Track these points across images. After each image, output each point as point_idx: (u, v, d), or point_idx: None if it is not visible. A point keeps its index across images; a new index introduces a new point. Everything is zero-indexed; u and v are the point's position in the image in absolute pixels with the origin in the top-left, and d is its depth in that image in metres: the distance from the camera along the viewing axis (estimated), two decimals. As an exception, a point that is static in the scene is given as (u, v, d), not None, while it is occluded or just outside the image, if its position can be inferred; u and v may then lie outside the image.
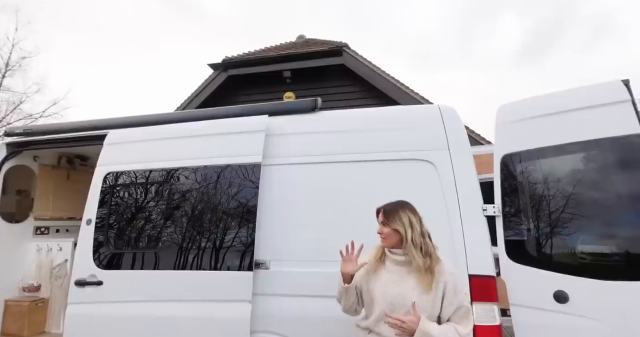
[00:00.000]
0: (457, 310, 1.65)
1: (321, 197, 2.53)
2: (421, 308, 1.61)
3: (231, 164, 2.70)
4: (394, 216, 1.78)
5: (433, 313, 1.64)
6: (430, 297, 1.64)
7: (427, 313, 1.62)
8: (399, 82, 6.92)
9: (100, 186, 2.94)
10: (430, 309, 1.64)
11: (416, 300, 1.62)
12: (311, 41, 8.42)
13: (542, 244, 2.23)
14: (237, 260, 2.47)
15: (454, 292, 1.66)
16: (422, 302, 1.63)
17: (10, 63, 17.73)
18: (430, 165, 2.43)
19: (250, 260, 2.44)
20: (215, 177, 2.73)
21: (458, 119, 2.54)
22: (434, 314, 1.65)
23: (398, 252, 1.78)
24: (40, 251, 3.77)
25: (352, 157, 2.58)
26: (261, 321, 2.39)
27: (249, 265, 2.44)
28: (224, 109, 3.13)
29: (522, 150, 2.35)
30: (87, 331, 2.63)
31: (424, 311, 1.61)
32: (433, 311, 1.64)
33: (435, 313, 1.65)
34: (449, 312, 1.66)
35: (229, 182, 2.68)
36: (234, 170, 2.69)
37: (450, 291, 1.66)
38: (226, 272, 2.48)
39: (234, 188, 2.66)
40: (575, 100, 2.26)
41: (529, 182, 2.32)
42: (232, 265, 2.49)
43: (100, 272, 2.71)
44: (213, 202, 2.70)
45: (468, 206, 2.29)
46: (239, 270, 2.46)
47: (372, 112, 2.83)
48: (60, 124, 3.69)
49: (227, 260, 2.52)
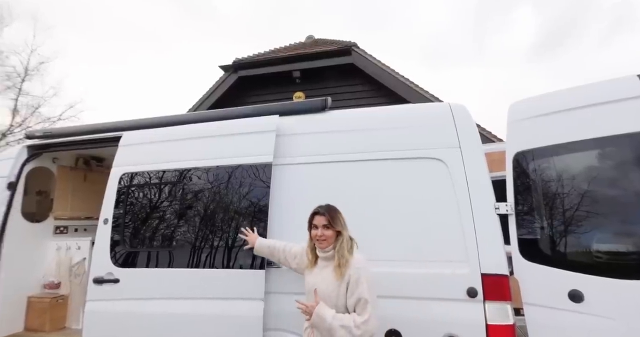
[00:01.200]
0: (357, 301, 1.77)
1: (332, 196, 2.52)
2: (327, 296, 1.83)
3: (242, 164, 2.74)
4: (337, 218, 1.96)
5: (338, 302, 1.82)
6: (335, 286, 1.83)
7: (332, 301, 1.82)
8: (409, 81, 6.88)
9: (115, 186, 3.02)
10: (335, 297, 1.82)
11: (324, 288, 1.86)
12: (320, 41, 8.44)
13: (556, 243, 2.20)
14: (250, 258, 2.51)
15: (356, 284, 1.78)
16: (328, 291, 1.84)
17: (29, 68, 18.28)
18: (441, 163, 2.42)
19: (262, 258, 2.47)
20: (227, 177, 2.77)
21: (469, 117, 2.53)
22: (339, 303, 1.82)
23: (327, 249, 1.96)
24: (59, 249, 3.90)
25: (363, 156, 2.59)
26: (274, 319, 2.42)
27: (261, 263, 2.48)
28: (235, 110, 3.17)
29: (535, 147, 2.32)
30: (105, 327, 2.70)
31: (328, 298, 1.83)
32: (338, 300, 1.82)
33: (341, 302, 1.82)
34: (352, 303, 1.79)
35: (241, 182, 2.72)
36: (245, 170, 2.73)
37: (353, 283, 1.79)
38: (239, 270, 2.52)
39: (245, 188, 2.70)
40: (589, 96, 2.22)
41: (543, 180, 2.29)
42: (245, 263, 2.53)
43: (117, 270, 2.78)
44: (225, 201, 2.74)
45: (480, 204, 2.28)
46: (252, 268, 2.49)
47: (382, 110, 2.83)
48: (78, 126, 3.80)
49: (239, 258, 2.56)
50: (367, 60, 6.92)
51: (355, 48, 7.00)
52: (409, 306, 2.24)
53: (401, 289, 2.27)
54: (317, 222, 1.97)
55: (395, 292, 2.26)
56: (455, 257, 2.24)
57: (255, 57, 7.81)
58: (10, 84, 17.85)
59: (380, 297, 2.09)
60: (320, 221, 1.96)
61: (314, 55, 7.15)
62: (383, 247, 2.36)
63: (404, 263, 2.31)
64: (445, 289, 2.21)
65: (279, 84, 7.49)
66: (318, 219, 1.97)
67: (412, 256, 2.32)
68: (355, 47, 7.04)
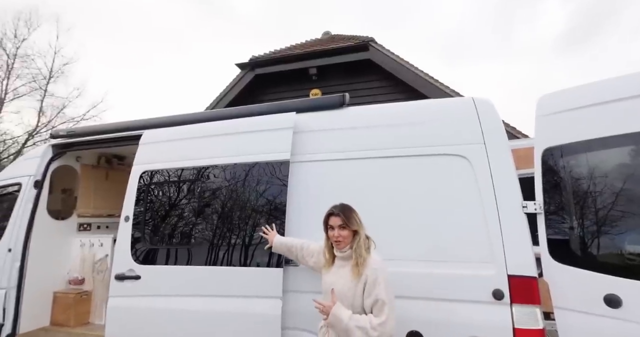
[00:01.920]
0: (375, 302, 1.73)
1: (350, 193, 2.47)
2: (343, 295, 1.80)
3: (260, 162, 2.73)
4: (352, 218, 1.91)
5: (354, 302, 1.78)
6: (351, 286, 1.80)
7: (348, 301, 1.79)
8: (428, 76, 6.72)
9: (136, 184, 3.06)
10: (351, 297, 1.79)
11: (341, 287, 1.83)
12: (337, 37, 8.36)
13: (589, 244, 2.08)
14: (267, 256, 2.49)
15: (373, 285, 1.74)
16: (344, 291, 1.81)
17: (53, 70, 18.94)
18: (464, 160, 2.34)
19: (280, 256, 2.44)
20: (245, 175, 2.76)
21: (494, 111, 2.42)
22: (356, 303, 1.78)
23: (344, 249, 1.92)
24: (83, 246, 4.00)
25: (382, 153, 2.53)
26: (291, 317, 2.40)
27: (278, 261, 2.45)
28: (252, 107, 3.16)
29: (565, 143, 2.20)
30: (127, 323, 2.75)
31: (345, 298, 1.80)
32: (354, 300, 1.78)
33: (358, 302, 1.78)
34: (369, 304, 1.75)
35: (258, 179, 2.71)
36: (262, 167, 2.71)
37: (370, 283, 1.75)
38: (257, 268, 2.51)
39: (263, 185, 2.68)
40: (624, 89, 2.08)
41: (574, 178, 2.17)
42: (262, 261, 2.51)
43: (138, 267, 2.82)
44: (243, 199, 2.73)
45: (506, 202, 2.18)
46: (270, 266, 2.47)
47: (402, 106, 2.75)
48: (100, 125, 3.88)
49: (257, 256, 2.54)
50: (385, 56, 6.80)
51: (372, 43, 6.89)
52: (431, 307, 2.17)
53: (423, 289, 2.20)
54: (333, 222, 1.94)
55: (417, 292, 2.20)
56: (480, 257, 2.16)
57: (271, 54, 7.80)
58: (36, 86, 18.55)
59: (402, 298, 2.05)
60: (335, 222, 1.92)
61: (330, 51, 7.07)
62: (404, 247, 2.29)
63: (426, 263, 2.24)
64: (470, 291, 2.13)
65: (296, 81, 7.46)
66: (333, 219, 1.94)
67: (435, 255, 2.25)
68: (373, 43, 6.92)
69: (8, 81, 18.15)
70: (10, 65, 18.22)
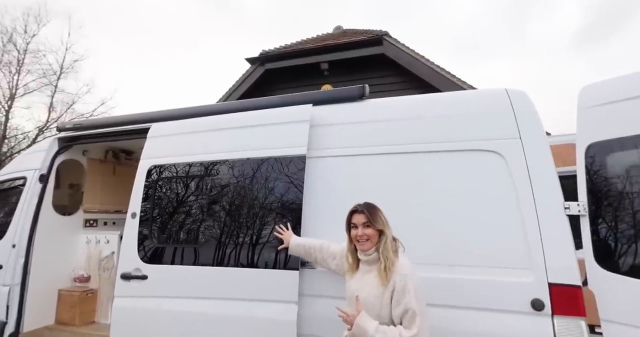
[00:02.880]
0: (404, 312, 1.57)
1: (371, 192, 2.29)
2: (369, 304, 1.64)
3: (274, 157, 2.56)
4: (377, 216, 1.76)
5: (382, 311, 1.62)
6: (378, 294, 1.63)
7: (375, 310, 1.63)
8: (445, 71, 6.49)
9: (144, 179, 2.92)
10: (378, 306, 1.63)
11: (366, 295, 1.66)
12: (349, 31, 8.15)
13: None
14: (283, 258, 2.32)
15: (402, 293, 1.58)
16: (371, 299, 1.65)
17: (64, 66, 19.02)
18: (497, 156, 2.14)
19: (297, 258, 2.28)
20: (259, 170, 2.60)
21: (529, 103, 2.22)
22: (383, 313, 1.62)
23: (369, 251, 1.75)
24: (89, 243, 3.88)
25: (406, 148, 2.34)
26: (308, 324, 2.23)
27: (295, 263, 2.29)
28: (265, 100, 3.00)
29: (612, 138, 1.99)
30: (133, 325, 2.61)
31: (371, 306, 1.63)
32: (381, 309, 1.62)
33: (385, 312, 1.62)
34: (398, 314, 1.59)
35: (273, 175, 2.54)
36: (277, 162, 2.54)
37: (399, 291, 1.59)
38: (271, 270, 2.35)
39: (277, 182, 2.52)
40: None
41: (622, 176, 1.96)
42: (278, 263, 2.35)
43: (145, 266, 2.68)
44: (256, 196, 2.57)
45: (546, 203, 1.98)
46: (285, 269, 2.31)
47: (428, 98, 2.56)
48: (107, 118, 3.75)
49: (271, 257, 2.38)
50: (399, 50, 6.59)
51: (386, 37, 6.68)
52: (461, 316, 1.99)
53: (453, 297, 2.02)
54: (356, 220, 1.78)
55: (445, 300, 2.02)
56: (517, 263, 1.96)
57: (282, 49, 7.63)
58: (46, 82, 18.64)
59: (429, 306, 1.87)
60: (359, 219, 1.77)
61: (342, 45, 6.88)
62: (431, 250, 2.11)
63: (455, 268, 2.06)
64: (505, 300, 1.94)
65: (307, 77, 7.28)
66: (357, 217, 1.78)
67: (465, 260, 2.06)
68: (387, 36, 6.71)
69: (19, 76, 18.26)
70: (21, 61, 18.33)
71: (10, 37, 18.06)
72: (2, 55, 18.04)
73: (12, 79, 18.14)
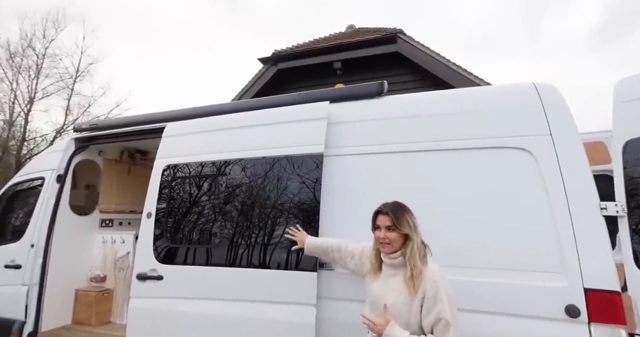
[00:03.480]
0: (437, 322, 1.47)
1: (391, 191, 2.20)
2: (396, 311, 1.54)
3: (291, 155, 2.50)
4: (403, 219, 1.64)
5: (411, 319, 1.53)
6: (407, 300, 1.54)
7: (404, 318, 1.53)
8: (461, 68, 6.34)
9: (159, 178, 2.90)
10: (406, 314, 1.53)
11: (393, 302, 1.56)
12: (362, 30, 8.06)
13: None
14: (300, 259, 2.26)
15: (434, 301, 1.48)
16: (398, 306, 1.55)
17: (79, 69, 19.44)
18: (526, 154, 2.03)
19: (315, 259, 2.21)
20: (275, 169, 2.54)
21: (560, 98, 2.11)
22: (412, 321, 1.52)
23: (393, 255, 1.66)
24: (105, 243, 3.89)
25: (428, 146, 2.25)
26: (326, 327, 2.16)
27: (313, 265, 2.22)
28: (281, 97, 2.94)
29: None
30: (149, 326, 2.58)
31: (398, 314, 1.53)
32: (410, 317, 1.52)
33: (414, 320, 1.52)
34: (429, 323, 1.48)
35: (289, 174, 2.48)
36: (294, 161, 2.48)
37: (430, 299, 1.49)
38: (288, 271, 2.28)
39: (294, 181, 2.45)
40: None
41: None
42: (294, 264, 2.28)
43: (160, 266, 2.65)
44: (272, 196, 2.51)
45: (580, 203, 1.87)
46: (302, 270, 2.24)
47: (450, 93, 2.48)
48: (122, 118, 3.76)
49: (289, 258, 2.31)
50: (414, 48, 6.46)
51: (401, 35, 6.57)
52: (490, 322, 1.88)
53: (480, 302, 1.92)
54: (380, 222, 1.68)
55: (472, 305, 1.91)
56: (549, 266, 1.85)
57: (294, 48, 7.59)
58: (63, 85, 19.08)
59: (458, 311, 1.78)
60: (383, 222, 1.67)
61: (356, 44, 6.79)
62: (457, 253, 2.02)
63: (482, 271, 1.95)
64: (537, 305, 1.83)
65: (319, 76, 7.21)
66: (381, 219, 1.68)
67: (493, 263, 1.95)
68: (402, 34, 6.60)
69: (37, 80, 18.74)
70: (40, 65, 18.82)
71: (29, 42, 18.57)
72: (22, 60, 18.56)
73: (31, 83, 18.64)
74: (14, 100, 18.23)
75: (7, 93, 18.00)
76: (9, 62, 18.01)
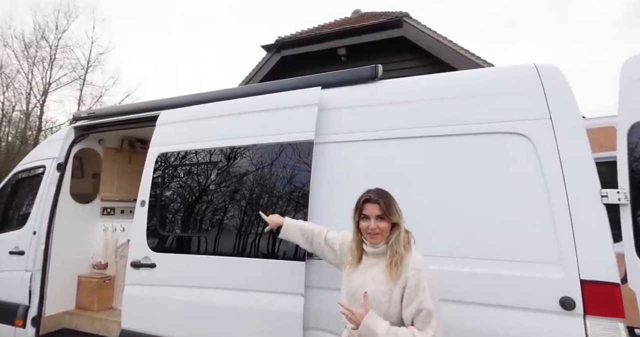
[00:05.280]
0: (418, 312, 1.40)
1: (384, 178, 2.12)
2: (376, 301, 1.47)
3: (281, 143, 2.44)
4: (392, 207, 1.56)
5: (390, 310, 1.46)
6: (387, 289, 1.46)
7: (383, 309, 1.46)
8: (469, 53, 6.11)
9: (152, 167, 2.89)
10: (386, 304, 1.46)
11: (373, 291, 1.49)
12: (368, 15, 7.83)
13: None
14: (288, 248, 2.22)
15: (416, 290, 1.41)
16: (378, 295, 1.48)
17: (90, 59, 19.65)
18: (524, 139, 1.93)
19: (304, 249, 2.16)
20: (265, 157, 2.49)
21: (563, 80, 1.97)
22: (391, 311, 1.46)
23: (378, 244, 1.58)
24: (106, 230, 3.95)
25: (422, 132, 2.16)
26: (314, 316, 2.13)
27: (301, 254, 2.18)
28: (272, 84, 2.88)
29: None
30: (142, 313, 2.61)
31: (378, 304, 1.47)
32: (390, 307, 1.46)
33: (394, 310, 1.46)
34: (410, 313, 1.42)
35: (279, 162, 2.43)
36: (284, 149, 2.42)
37: (412, 288, 1.42)
38: (276, 261, 2.25)
39: (284, 169, 2.40)
40: None
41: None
42: (283, 253, 2.25)
43: (154, 254, 2.66)
44: (262, 184, 2.47)
45: (579, 190, 1.76)
46: (291, 259, 2.21)
47: (446, 76, 2.35)
48: (121, 106, 3.77)
49: (277, 247, 2.28)
50: (420, 32, 6.24)
51: (406, 19, 6.34)
52: (481, 314, 1.82)
53: (472, 293, 1.85)
54: (369, 212, 1.56)
55: (462, 296, 1.86)
56: (545, 257, 1.77)
57: (298, 35, 7.44)
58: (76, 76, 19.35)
59: (444, 302, 1.72)
60: (373, 211, 1.55)
61: (360, 29, 6.60)
62: (449, 242, 1.95)
63: (476, 261, 1.88)
64: (531, 297, 1.75)
65: (324, 63, 7.05)
66: (370, 208, 1.56)
67: (486, 253, 1.87)
68: (407, 18, 6.37)
69: (51, 72, 19.05)
70: (53, 56, 19.10)
71: (42, 33, 18.82)
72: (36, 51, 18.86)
73: (46, 74, 18.96)
74: (29, 91, 18.62)
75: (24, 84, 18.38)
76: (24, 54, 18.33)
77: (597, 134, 2.89)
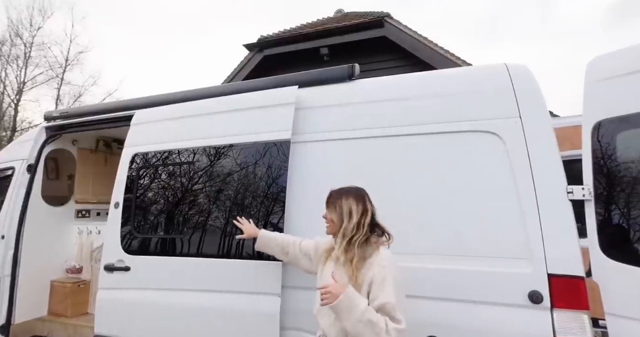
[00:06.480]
0: (381, 306, 1.40)
1: (361, 177, 2.12)
2: None
3: (258, 142, 2.42)
4: (333, 202, 1.65)
5: None
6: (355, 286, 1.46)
7: None
8: (449, 53, 6.21)
9: (127, 168, 2.82)
10: None
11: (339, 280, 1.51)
12: (350, 14, 7.86)
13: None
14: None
15: (380, 287, 1.44)
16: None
17: (69, 58, 19.08)
18: (494, 137, 1.96)
19: (279, 248, 2.15)
20: (242, 157, 2.46)
21: (531, 79, 2.02)
22: None
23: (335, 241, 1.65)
24: (81, 233, 3.83)
25: (397, 131, 2.18)
26: (291, 316, 2.12)
27: (277, 254, 2.16)
28: (249, 83, 2.86)
29: (624, 114, 1.79)
30: (115, 317, 2.55)
31: None
32: None
33: None
34: (374, 308, 1.42)
35: (257, 162, 2.41)
36: (260, 148, 2.40)
37: (377, 284, 1.45)
38: (253, 261, 2.23)
39: (260, 168, 2.38)
40: None
41: (635, 157, 1.77)
42: (259, 254, 2.22)
43: (128, 257, 2.60)
44: (239, 184, 2.45)
45: (546, 187, 1.81)
46: (267, 259, 2.19)
47: (419, 76, 2.37)
48: (94, 105, 3.65)
49: (252, 248, 2.25)
50: (401, 32, 6.30)
51: (388, 19, 6.39)
52: (453, 309, 1.85)
53: (444, 289, 1.88)
54: None
55: (436, 292, 1.88)
56: (514, 252, 1.81)
57: (280, 34, 7.40)
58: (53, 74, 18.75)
59: (417, 298, 1.76)
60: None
61: (342, 29, 6.62)
62: (421, 238, 1.97)
63: (447, 258, 1.91)
64: (501, 292, 1.79)
65: (306, 63, 7.03)
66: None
67: (458, 249, 1.91)
68: (389, 18, 6.43)
69: (26, 70, 18.40)
70: (28, 54, 18.44)
71: (16, 30, 18.16)
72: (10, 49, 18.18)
73: (20, 73, 18.31)
74: (2, 90, 17.94)
75: (-4, 83, 17.70)
76: (-4, 51, 17.65)
77: (568, 132, 2.97)
